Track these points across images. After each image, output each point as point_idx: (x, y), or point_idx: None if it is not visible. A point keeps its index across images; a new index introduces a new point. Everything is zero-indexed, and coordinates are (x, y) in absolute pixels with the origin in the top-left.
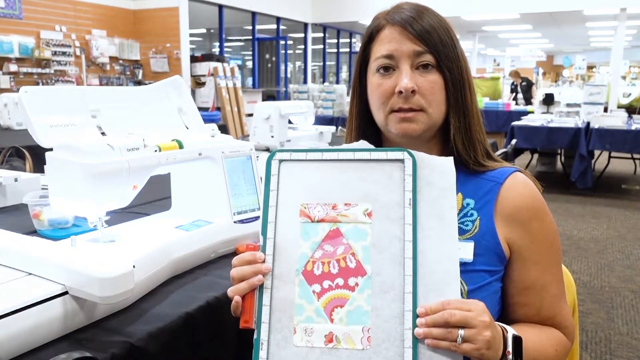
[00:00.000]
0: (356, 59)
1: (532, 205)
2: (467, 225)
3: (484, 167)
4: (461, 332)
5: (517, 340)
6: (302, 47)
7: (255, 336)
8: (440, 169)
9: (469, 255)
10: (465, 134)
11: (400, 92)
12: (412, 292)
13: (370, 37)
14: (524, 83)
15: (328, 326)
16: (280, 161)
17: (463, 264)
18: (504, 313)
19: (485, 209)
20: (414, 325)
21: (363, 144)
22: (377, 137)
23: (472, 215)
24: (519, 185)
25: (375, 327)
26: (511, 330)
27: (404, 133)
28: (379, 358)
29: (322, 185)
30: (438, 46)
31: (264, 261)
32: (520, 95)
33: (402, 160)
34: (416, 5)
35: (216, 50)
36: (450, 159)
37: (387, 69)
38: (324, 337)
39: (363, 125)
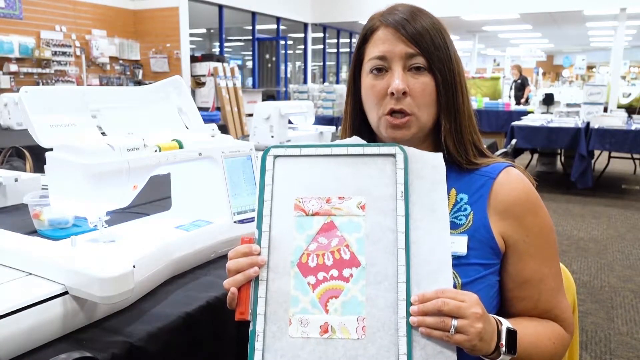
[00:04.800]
0: (352, 60)
1: (526, 200)
2: (460, 220)
3: (477, 165)
4: (454, 322)
5: (510, 333)
6: (302, 47)
7: (251, 328)
8: (431, 164)
9: (463, 249)
10: (456, 135)
11: (392, 93)
12: (405, 281)
13: (365, 37)
14: (518, 81)
15: (323, 317)
16: (275, 157)
17: (457, 258)
18: (502, 307)
19: (479, 204)
20: (408, 314)
21: (356, 139)
22: (370, 136)
23: (465, 209)
24: (512, 180)
25: (370, 316)
26: (506, 323)
27: (394, 138)
28: (374, 347)
29: (316, 179)
30: (430, 48)
31: (259, 254)
32: (512, 92)
33: (393, 155)
34: (410, 7)
35: (216, 50)
36: (440, 154)
37: (380, 70)
38: (319, 328)
39: (357, 124)
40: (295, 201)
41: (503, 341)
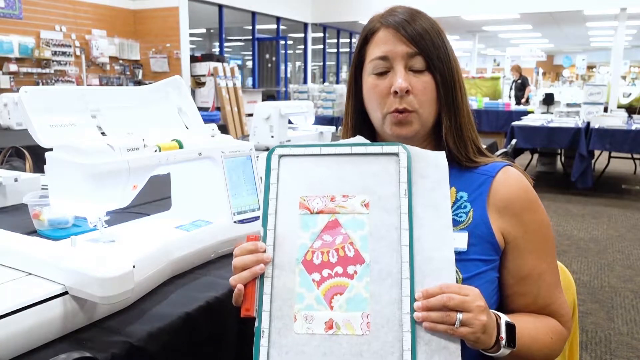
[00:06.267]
0: (352, 61)
1: (525, 197)
2: (460, 217)
3: (476, 163)
4: (459, 315)
5: (509, 326)
6: (302, 47)
7: (256, 324)
8: (434, 162)
9: (463, 245)
10: (456, 132)
11: (396, 92)
12: (409, 278)
13: (365, 39)
14: (519, 81)
15: (328, 313)
16: (280, 156)
17: (458, 254)
18: (501, 304)
19: (478, 201)
20: (412, 310)
21: (360, 139)
22: (372, 135)
23: (465, 207)
24: (510, 178)
25: (374, 312)
26: (504, 317)
27: (399, 134)
28: (378, 343)
29: (321, 178)
30: (430, 48)
31: (265, 251)
32: (512, 92)
33: (397, 154)
34: (409, 9)
35: (216, 50)
36: (443, 153)
37: (383, 72)
38: (324, 324)
39: (359, 124)
40: (300, 199)
41: (503, 334)
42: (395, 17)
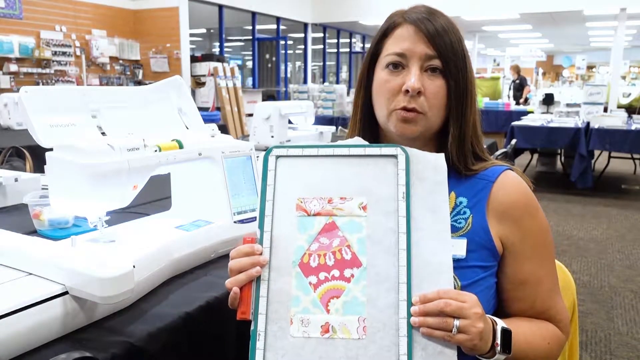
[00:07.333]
0: (367, 53)
1: (524, 202)
2: (460, 223)
3: (474, 171)
4: (456, 322)
5: (505, 332)
6: (302, 47)
7: (252, 327)
8: (433, 165)
9: (462, 252)
10: (459, 142)
11: (407, 91)
12: (406, 282)
13: (385, 33)
14: (517, 81)
15: (324, 317)
16: (277, 157)
17: (456, 260)
18: (499, 308)
19: (478, 207)
20: (409, 315)
21: (358, 140)
22: (377, 130)
23: (464, 213)
24: (510, 183)
25: (371, 316)
26: (501, 323)
27: (402, 133)
28: (374, 347)
29: (318, 180)
30: (449, 54)
31: (261, 253)
32: (511, 93)
33: (395, 156)
34: (433, 9)
35: (216, 50)
36: (442, 155)
37: (396, 66)
38: (320, 328)
39: (367, 118)
40: (297, 201)
41: (498, 340)
42: (418, 15)
